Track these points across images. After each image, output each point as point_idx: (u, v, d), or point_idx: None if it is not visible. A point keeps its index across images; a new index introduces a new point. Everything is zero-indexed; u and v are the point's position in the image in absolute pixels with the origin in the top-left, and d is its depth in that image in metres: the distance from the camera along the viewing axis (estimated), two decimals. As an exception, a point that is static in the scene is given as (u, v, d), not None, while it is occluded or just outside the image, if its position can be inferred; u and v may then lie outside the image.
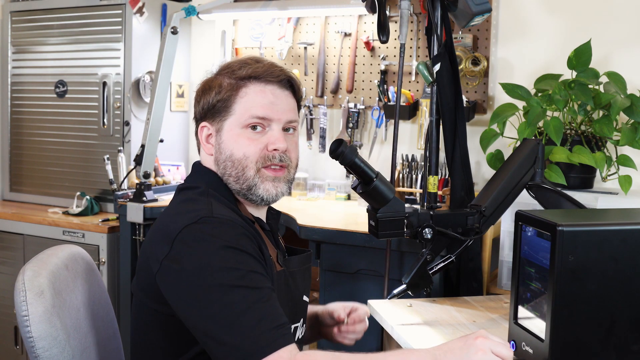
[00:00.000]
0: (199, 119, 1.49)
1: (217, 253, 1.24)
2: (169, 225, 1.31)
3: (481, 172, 2.80)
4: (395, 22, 2.96)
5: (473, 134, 2.54)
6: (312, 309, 1.66)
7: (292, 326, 1.43)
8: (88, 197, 3.20)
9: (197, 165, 1.50)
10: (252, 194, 1.42)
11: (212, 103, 1.44)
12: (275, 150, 1.41)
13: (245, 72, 1.44)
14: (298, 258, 1.48)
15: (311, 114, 3.19)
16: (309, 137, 3.21)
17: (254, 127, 1.41)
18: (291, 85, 1.49)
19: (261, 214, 1.49)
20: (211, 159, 1.46)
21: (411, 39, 2.94)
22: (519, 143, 2.04)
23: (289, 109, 1.46)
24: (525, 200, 1.84)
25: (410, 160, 2.84)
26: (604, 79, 2.25)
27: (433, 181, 2.12)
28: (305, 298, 1.49)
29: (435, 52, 2.08)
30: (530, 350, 1.27)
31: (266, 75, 1.44)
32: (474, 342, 1.21)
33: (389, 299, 1.65)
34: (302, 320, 1.48)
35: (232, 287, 1.20)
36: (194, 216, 1.29)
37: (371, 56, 3.06)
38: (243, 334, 1.17)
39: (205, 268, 1.22)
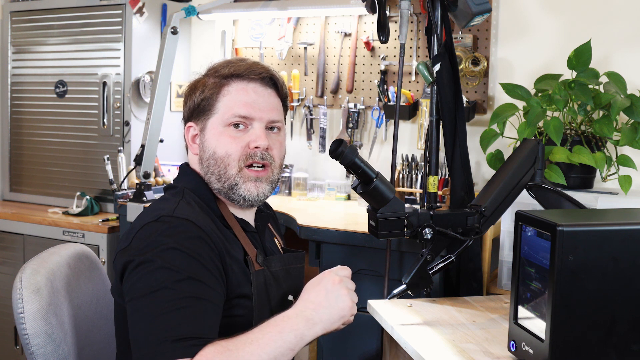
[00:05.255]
0: (185, 119, 1.50)
1: (164, 252, 1.25)
2: (135, 223, 1.35)
3: (481, 172, 2.80)
4: (395, 22, 2.96)
5: (473, 134, 2.54)
6: None
7: None
8: (88, 197, 3.20)
9: (183, 167, 1.52)
10: (233, 193, 1.43)
11: (196, 102, 1.46)
12: (256, 147, 1.42)
13: (228, 70, 1.46)
14: (279, 258, 1.49)
15: (311, 114, 3.19)
16: (309, 137, 3.21)
17: (236, 125, 1.43)
18: (274, 83, 1.49)
19: (247, 215, 1.50)
20: (196, 159, 1.48)
21: (411, 39, 2.94)
22: (519, 143, 2.04)
23: (272, 108, 1.47)
24: (525, 200, 1.84)
25: (410, 160, 2.84)
26: (604, 79, 2.25)
27: (433, 181, 2.12)
28: (290, 298, 1.49)
29: (435, 52, 2.08)
30: (530, 350, 1.27)
31: (248, 73, 1.45)
32: (332, 287, 1.30)
33: (389, 299, 1.65)
34: None
35: (164, 288, 1.21)
36: (155, 215, 1.32)
37: (371, 56, 3.06)
38: (148, 337, 1.18)
39: (148, 264, 1.24)
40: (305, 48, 3.19)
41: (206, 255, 1.29)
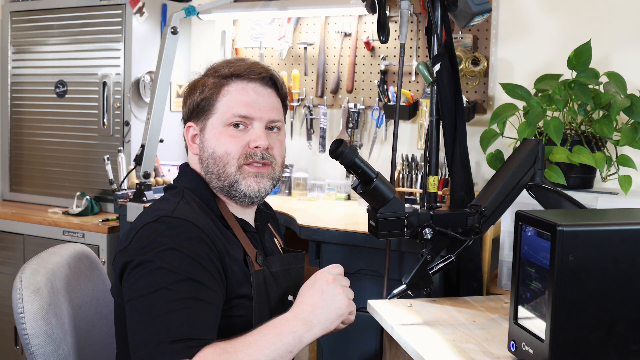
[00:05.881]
0: (185, 119, 1.50)
1: (163, 253, 1.25)
2: (135, 223, 1.36)
3: (481, 172, 2.80)
4: (395, 22, 2.96)
5: (473, 134, 2.54)
6: None
7: None
8: (88, 197, 3.20)
9: (183, 167, 1.52)
10: (234, 191, 1.43)
11: (196, 102, 1.46)
12: (256, 147, 1.43)
13: (227, 70, 1.46)
14: (279, 258, 1.49)
15: (311, 114, 3.18)
16: (309, 137, 3.21)
17: (236, 125, 1.43)
18: (274, 83, 1.49)
19: (247, 214, 1.50)
20: (196, 159, 1.48)
21: (411, 39, 2.94)
22: (519, 143, 2.04)
23: (272, 108, 1.47)
24: (525, 200, 1.84)
25: (410, 160, 2.84)
26: (604, 79, 2.25)
27: (433, 181, 2.12)
28: (290, 298, 1.50)
29: (435, 52, 2.08)
30: (530, 350, 1.27)
31: (248, 73, 1.45)
32: (326, 287, 1.30)
33: (389, 299, 1.65)
34: None
35: (163, 288, 1.22)
36: (155, 215, 1.32)
37: (371, 56, 3.06)
38: (146, 338, 1.18)
39: (147, 265, 1.24)
40: (305, 48, 3.19)
41: (205, 256, 1.29)
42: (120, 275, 1.30)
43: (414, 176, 2.81)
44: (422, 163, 2.79)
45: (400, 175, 2.83)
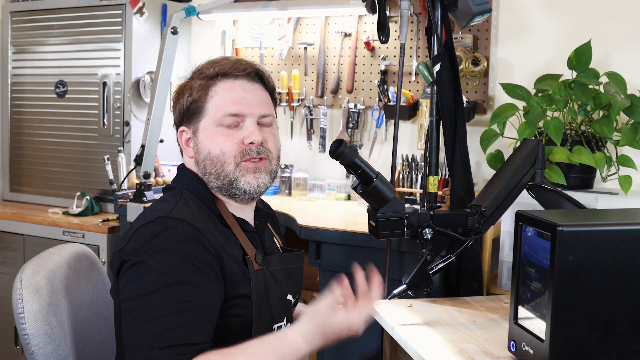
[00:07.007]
0: (177, 124, 1.51)
1: (157, 254, 1.25)
2: (133, 224, 1.36)
3: (481, 172, 2.80)
4: (395, 22, 2.96)
5: (473, 134, 2.54)
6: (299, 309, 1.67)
7: (276, 325, 1.44)
8: (88, 197, 3.20)
9: (180, 167, 1.53)
10: (234, 189, 1.43)
11: (186, 106, 1.47)
12: (251, 143, 1.43)
13: (213, 70, 1.46)
14: (278, 257, 1.49)
15: (311, 114, 3.18)
16: (309, 137, 3.21)
17: (228, 124, 1.43)
18: (260, 77, 1.50)
19: (246, 214, 1.50)
20: (192, 161, 1.48)
21: (411, 39, 2.94)
22: (519, 143, 2.04)
23: (261, 102, 1.47)
24: (525, 200, 1.84)
25: (410, 160, 2.84)
26: (604, 79, 2.25)
27: (433, 181, 2.12)
28: (289, 297, 1.50)
29: (435, 52, 2.08)
30: (530, 350, 1.27)
31: (233, 71, 1.46)
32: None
33: (389, 299, 1.65)
34: (285, 319, 1.49)
35: (155, 291, 1.22)
36: (153, 216, 1.33)
37: (371, 56, 3.06)
38: (138, 342, 1.18)
39: (141, 265, 1.25)
40: (305, 48, 3.19)
41: (201, 257, 1.28)
42: (117, 275, 1.31)
43: (414, 176, 2.81)
44: (422, 163, 2.79)
45: (400, 175, 2.83)
